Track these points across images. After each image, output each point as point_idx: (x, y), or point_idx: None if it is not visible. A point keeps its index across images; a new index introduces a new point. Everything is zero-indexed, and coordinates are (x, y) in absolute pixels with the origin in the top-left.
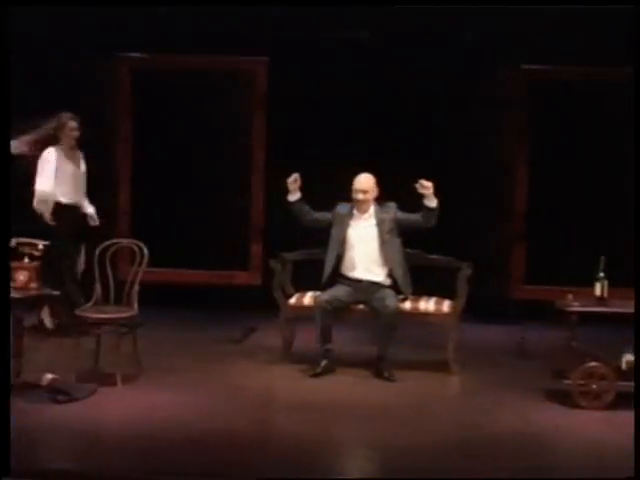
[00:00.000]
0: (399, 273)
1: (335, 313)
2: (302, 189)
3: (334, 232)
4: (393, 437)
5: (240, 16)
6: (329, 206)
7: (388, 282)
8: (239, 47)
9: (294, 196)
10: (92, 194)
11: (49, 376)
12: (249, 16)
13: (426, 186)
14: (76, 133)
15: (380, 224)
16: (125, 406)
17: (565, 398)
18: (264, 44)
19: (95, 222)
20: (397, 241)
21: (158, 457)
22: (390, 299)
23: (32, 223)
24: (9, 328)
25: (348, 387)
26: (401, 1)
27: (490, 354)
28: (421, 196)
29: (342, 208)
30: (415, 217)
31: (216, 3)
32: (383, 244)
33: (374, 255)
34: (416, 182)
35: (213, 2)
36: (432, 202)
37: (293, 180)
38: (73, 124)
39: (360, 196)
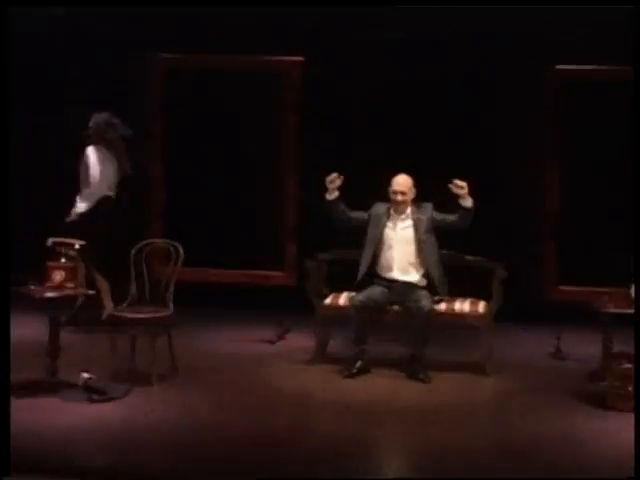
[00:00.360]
0: (436, 274)
1: (370, 314)
2: (341, 189)
3: (370, 232)
4: (427, 438)
5: (275, 15)
6: (364, 206)
7: (423, 283)
8: (274, 47)
9: (331, 195)
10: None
11: (85, 375)
12: (284, 15)
13: (460, 186)
14: (111, 134)
15: (417, 225)
16: (160, 406)
17: (600, 400)
18: (299, 44)
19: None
20: (434, 242)
21: (193, 457)
22: (424, 300)
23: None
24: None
25: (383, 388)
26: (432, 1)
27: (525, 356)
28: (456, 196)
29: (379, 208)
30: (451, 217)
31: (252, 2)
32: (420, 245)
33: (410, 256)
34: (450, 182)
35: (249, 1)
36: (467, 202)
37: (332, 179)
38: (108, 123)
39: (399, 197)
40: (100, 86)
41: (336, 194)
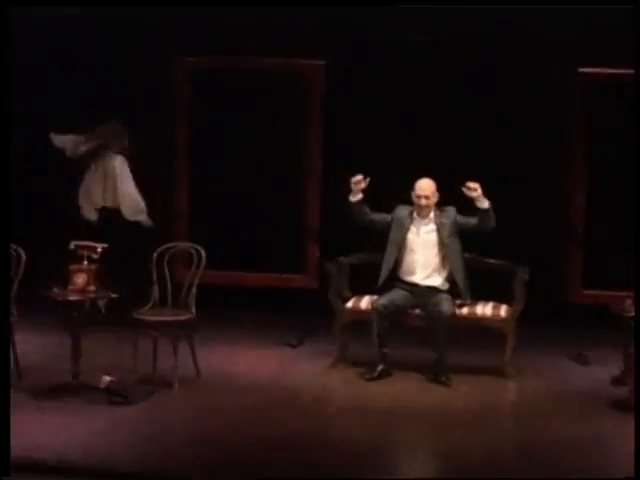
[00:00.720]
0: (460, 277)
1: (392, 317)
2: (365, 191)
3: (393, 235)
4: (449, 441)
5: (298, 18)
6: (385, 209)
7: (446, 287)
8: (297, 49)
9: (355, 197)
10: (149, 197)
11: (107, 378)
12: (307, 18)
13: (472, 188)
14: (126, 141)
15: (440, 228)
16: (182, 409)
17: (624, 404)
18: (322, 47)
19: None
20: (458, 246)
21: (214, 461)
22: (445, 304)
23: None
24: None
25: (404, 391)
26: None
27: (547, 359)
28: (472, 199)
29: (402, 211)
30: (474, 220)
31: (274, 4)
32: (443, 248)
33: (433, 260)
34: (463, 185)
35: (272, 3)
36: (483, 203)
37: (357, 180)
38: (124, 131)
39: (423, 201)
40: (125, 89)
41: (360, 196)
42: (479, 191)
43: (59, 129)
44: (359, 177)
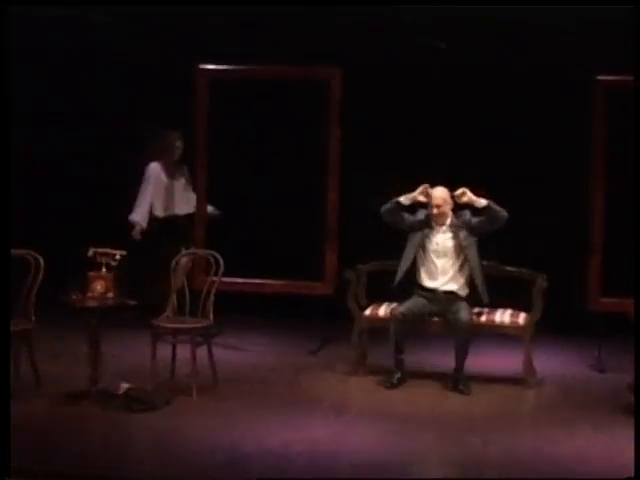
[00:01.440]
0: (478, 279)
1: (410, 325)
2: (418, 205)
3: (412, 237)
4: (467, 449)
5: (315, 24)
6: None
7: (465, 292)
8: (315, 56)
9: (406, 201)
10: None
11: (125, 385)
12: (324, 24)
13: (459, 195)
14: (180, 151)
15: (457, 233)
16: (200, 417)
17: None
18: (339, 53)
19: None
20: (474, 247)
21: (233, 470)
22: (464, 312)
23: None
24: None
25: (423, 399)
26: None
27: (566, 367)
28: (469, 205)
29: (421, 215)
30: (483, 218)
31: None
32: (461, 253)
33: (451, 265)
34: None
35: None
36: (480, 203)
37: (423, 190)
38: (179, 143)
39: (435, 210)
40: (144, 97)
41: (408, 203)
42: (468, 194)
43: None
44: (426, 188)
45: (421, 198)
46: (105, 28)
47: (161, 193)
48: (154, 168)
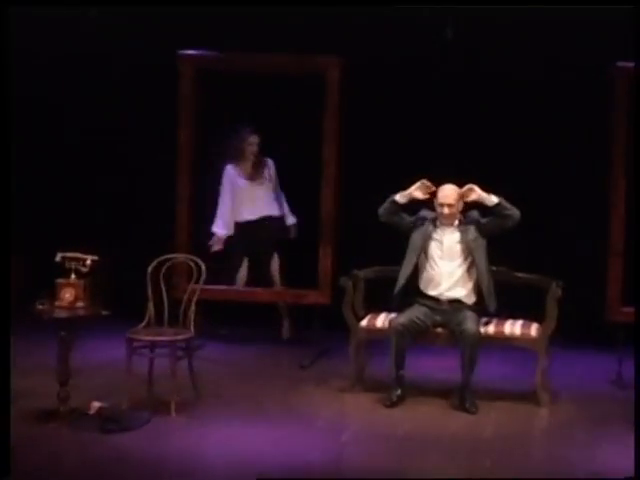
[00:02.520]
0: (484, 284)
1: (412, 337)
2: (415, 202)
3: (413, 240)
4: (475, 472)
5: (311, 11)
6: (409, 213)
7: (471, 299)
8: (310, 45)
9: (403, 199)
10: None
11: (97, 404)
12: (321, 11)
13: (466, 192)
14: (254, 148)
15: (465, 235)
16: (180, 438)
17: None
18: (337, 42)
19: (292, 234)
20: (483, 249)
21: None
22: (470, 323)
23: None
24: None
25: (425, 418)
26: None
27: (584, 383)
28: (480, 204)
29: (426, 215)
30: (495, 218)
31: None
32: (469, 256)
33: (458, 270)
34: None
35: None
36: (490, 200)
37: (421, 185)
38: (252, 139)
39: (446, 210)
40: (129, 85)
41: (405, 201)
42: (477, 190)
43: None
44: (428, 184)
45: (417, 194)
46: (82, 18)
47: (240, 197)
48: (228, 171)
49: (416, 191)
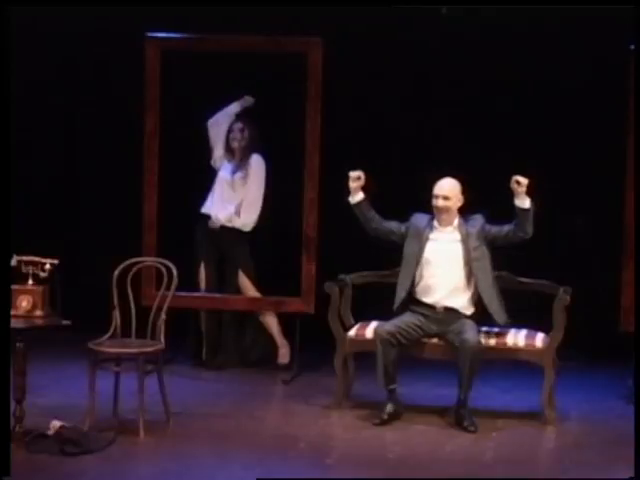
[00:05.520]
0: (490, 297)
1: (401, 348)
2: (367, 190)
3: (408, 247)
4: None
5: None
6: (401, 218)
7: (470, 310)
8: (288, 26)
9: (355, 197)
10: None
11: (56, 423)
12: None
13: (522, 183)
14: (237, 136)
15: (465, 239)
16: (149, 461)
17: None
18: (318, 21)
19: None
20: (486, 260)
21: None
22: (470, 332)
23: None
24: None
25: (420, 438)
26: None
27: (595, 400)
28: (514, 194)
29: (419, 219)
30: (507, 227)
31: None
32: (469, 263)
33: (456, 277)
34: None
35: None
36: (524, 202)
37: (356, 176)
38: (235, 126)
39: (440, 202)
40: (94, 70)
41: (360, 196)
42: (524, 187)
43: None
44: (358, 172)
45: (353, 186)
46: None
47: (218, 189)
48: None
49: (352, 184)
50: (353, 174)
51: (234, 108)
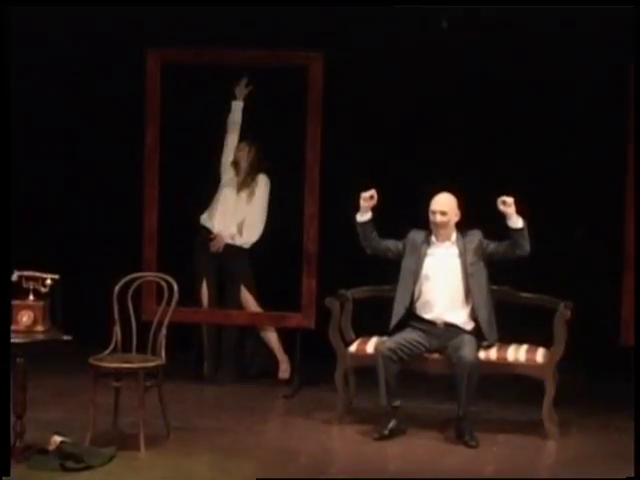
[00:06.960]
0: (483, 315)
1: (402, 363)
2: (374, 209)
3: (406, 264)
4: None
5: (292, 4)
6: (399, 233)
7: (470, 325)
8: (291, 40)
9: (364, 216)
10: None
11: (57, 438)
12: (302, 3)
13: (508, 203)
14: (244, 155)
15: (463, 254)
16: (149, 476)
17: None
18: (320, 36)
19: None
20: (483, 276)
21: None
22: (468, 348)
23: None
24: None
25: (420, 453)
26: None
27: (596, 415)
28: (504, 217)
29: (416, 236)
30: (505, 244)
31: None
32: (467, 278)
33: (455, 292)
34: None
35: None
36: (517, 222)
37: (369, 196)
38: (242, 146)
39: (438, 217)
40: (94, 84)
41: (369, 215)
42: (512, 207)
43: None
44: (371, 192)
45: (365, 205)
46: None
47: (222, 203)
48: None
49: (364, 203)
50: (366, 194)
51: (238, 108)
